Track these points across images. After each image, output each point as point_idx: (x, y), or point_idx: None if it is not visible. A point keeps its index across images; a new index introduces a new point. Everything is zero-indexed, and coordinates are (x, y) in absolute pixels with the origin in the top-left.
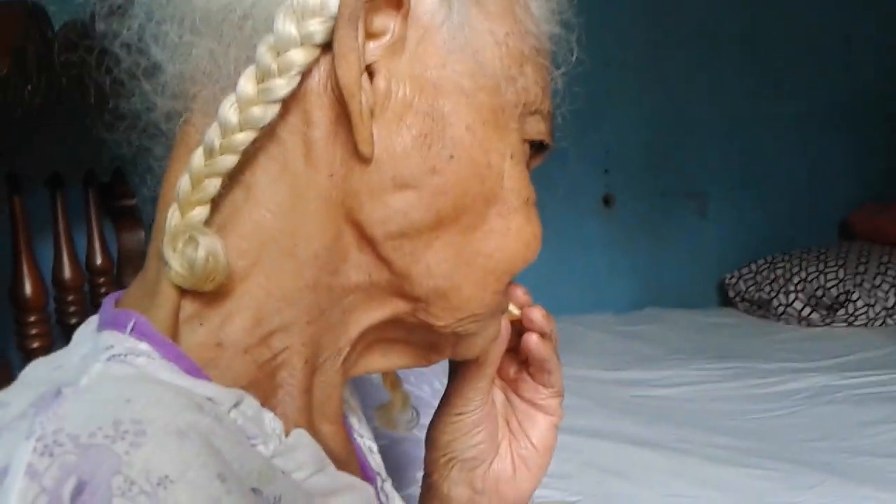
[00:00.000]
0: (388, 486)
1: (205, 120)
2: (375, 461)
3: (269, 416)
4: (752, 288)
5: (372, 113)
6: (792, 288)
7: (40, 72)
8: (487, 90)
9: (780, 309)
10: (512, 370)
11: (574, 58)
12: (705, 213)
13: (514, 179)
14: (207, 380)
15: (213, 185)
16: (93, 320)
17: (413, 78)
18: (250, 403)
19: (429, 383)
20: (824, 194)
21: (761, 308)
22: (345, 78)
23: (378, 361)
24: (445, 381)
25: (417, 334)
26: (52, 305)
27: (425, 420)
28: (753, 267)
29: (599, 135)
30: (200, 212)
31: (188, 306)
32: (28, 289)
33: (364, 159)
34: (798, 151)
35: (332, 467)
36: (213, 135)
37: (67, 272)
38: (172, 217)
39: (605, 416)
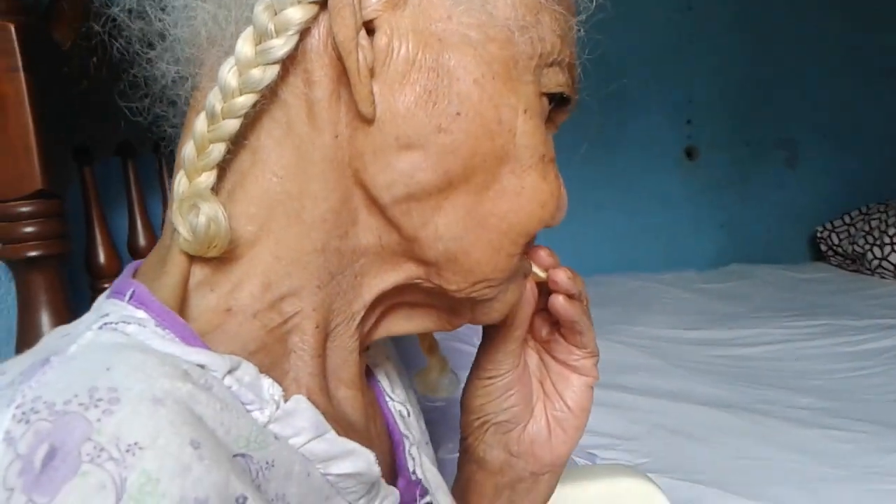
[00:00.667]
0: (416, 449)
1: (211, 84)
2: (406, 424)
3: (267, 383)
4: (845, 241)
5: (372, 71)
6: (887, 240)
7: (105, 43)
8: (498, 41)
9: (875, 263)
10: (544, 332)
11: (594, 4)
12: (795, 163)
13: (527, 135)
14: (203, 347)
15: (218, 150)
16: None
17: (416, 32)
18: (247, 370)
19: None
20: None
21: (855, 262)
22: (340, 35)
23: (401, 324)
24: None
25: (436, 298)
26: None
27: None
28: (847, 219)
29: (681, 84)
30: (207, 177)
31: (198, 272)
32: (102, 257)
33: (367, 119)
34: (894, 95)
35: (331, 433)
36: (215, 99)
37: (142, 239)
38: (180, 184)
39: (680, 376)
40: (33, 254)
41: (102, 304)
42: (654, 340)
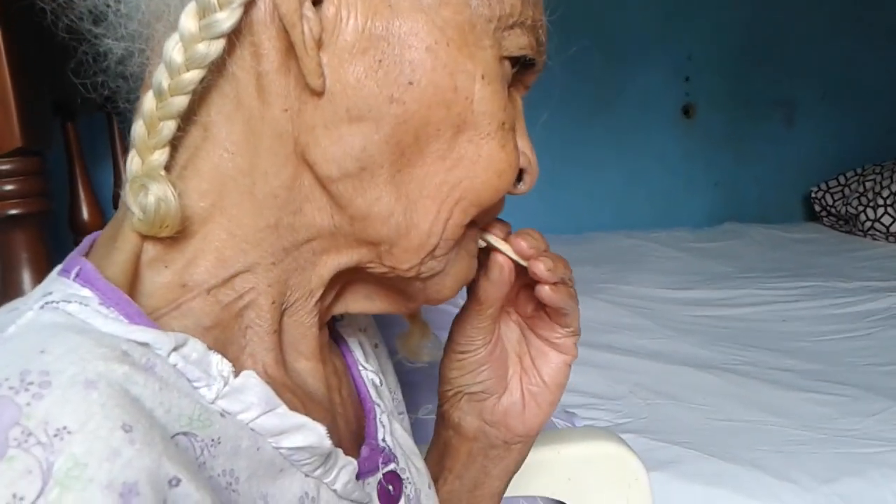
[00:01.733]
0: (386, 417)
1: (159, 61)
2: (378, 392)
3: (216, 359)
4: (839, 202)
5: (320, 43)
6: (881, 202)
7: None
8: (452, 5)
9: (868, 224)
10: (529, 308)
11: None
12: (793, 123)
13: (486, 102)
14: (148, 324)
15: (168, 127)
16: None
17: (365, 0)
18: (194, 346)
19: None
20: None
21: (848, 223)
22: (283, 7)
23: (360, 303)
24: None
25: (389, 281)
26: None
27: None
28: (842, 179)
29: (680, 40)
30: (159, 155)
31: (151, 249)
32: (85, 213)
33: (316, 92)
34: (894, 57)
35: (282, 407)
36: (161, 76)
37: None
38: (132, 162)
39: (666, 336)
40: (14, 212)
41: (51, 281)
42: (643, 300)
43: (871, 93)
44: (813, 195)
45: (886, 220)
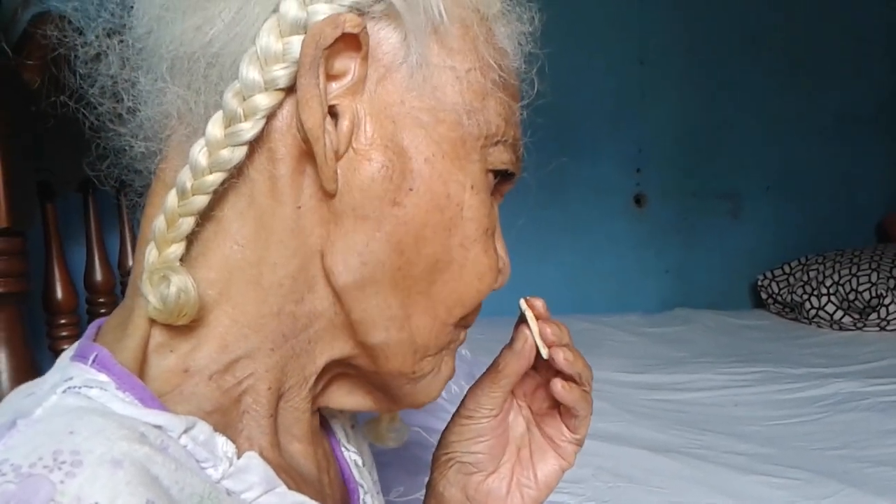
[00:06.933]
0: (369, 497)
1: (179, 160)
2: (360, 473)
3: (221, 441)
4: (784, 290)
5: (337, 153)
6: (824, 291)
7: (72, 83)
8: (447, 123)
9: (812, 312)
10: (544, 405)
11: (535, 91)
12: (739, 214)
13: (473, 209)
14: (161, 408)
15: (187, 223)
16: (75, 346)
17: (374, 115)
18: (202, 429)
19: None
20: (862, 195)
21: (793, 311)
22: (308, 123)
23: (344, 399)
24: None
25: (377, 378)
26: (85, 307)
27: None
28: (787, 269)
29: (632, 133)
30: (176, 249)
31: (158, 335)
32: (59, 292)
33: (329, 194)
34: (835, 151)
35: (282, 487)
36: (185, 177)
37: (99, 275)
38: (150, 254)
39: (625, 420)
40: None
41: (67, 366)
42: (601, 383)
43: (810, 187)
44: (759, 283)
45: (830, 308)
